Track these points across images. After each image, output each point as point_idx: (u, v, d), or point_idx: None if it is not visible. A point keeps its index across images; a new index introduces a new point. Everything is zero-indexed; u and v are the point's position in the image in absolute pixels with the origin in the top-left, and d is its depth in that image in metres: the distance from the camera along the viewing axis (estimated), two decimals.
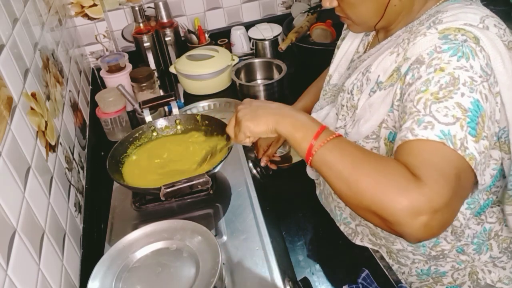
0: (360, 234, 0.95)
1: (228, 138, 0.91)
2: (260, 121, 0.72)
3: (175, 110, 1.14)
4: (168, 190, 0.86)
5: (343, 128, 0.86)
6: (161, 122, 1.12)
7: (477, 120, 0.61)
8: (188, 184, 0.86)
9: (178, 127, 1.13)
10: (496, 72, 0.66)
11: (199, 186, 0.87)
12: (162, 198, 0.86)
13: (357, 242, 0.95)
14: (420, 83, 0.65)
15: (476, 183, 0.62)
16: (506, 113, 0.69)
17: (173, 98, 1.13)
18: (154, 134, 1.12)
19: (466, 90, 0.62)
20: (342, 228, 0.97)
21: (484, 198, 0.82)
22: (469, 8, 0.70)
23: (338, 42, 0.99)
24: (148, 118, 1.14)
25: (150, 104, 1.14)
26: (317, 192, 1.07)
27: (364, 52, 0.90)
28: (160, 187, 0.86)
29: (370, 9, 0.75)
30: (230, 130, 0.80)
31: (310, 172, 1.06)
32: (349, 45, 0.93)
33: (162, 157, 1.05)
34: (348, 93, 0.84)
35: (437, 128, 0.60)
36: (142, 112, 1.16)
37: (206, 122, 1.10)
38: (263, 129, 0.72)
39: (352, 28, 0.84)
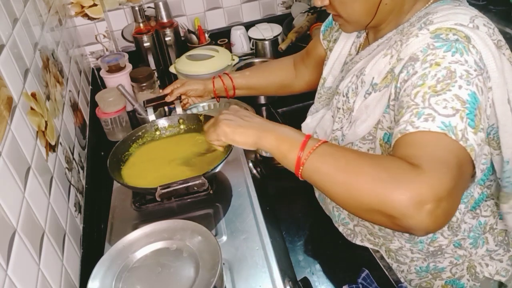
0: (359, 234, 0.95)
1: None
2: (240, 131, 0.73)
3: (179, 110, 1.14)
4: (164, 191, 0.86)
5: (339, 130, 0.86)
6: (164, 121, 1.12)
7: (475, 112, 0.61)
8: (184, 185, 0.86)
9: (181, 126, 1.13)
10: (489, 69, 0.67)
11: (195, 188, 0.87)
12: (158, 199, 0.86)
13: (357, 242, 0.95)
14: (416, 77, 0.65)
15: (473, 176, 0.63)
16: (496, 110, 0.71)
17: (178, 97, 1.13)
18: (157, 133, 1.12)
19: (463, 83, 0.62)
20: (340, 229, 0.98)
21: (478, 192, 0.83)
22: (458, 8, 0.71)
23: (330, 44, 0.99)
24: (151, 117, 1.14)
25: (154, 103, 1.14)
26: (317, 195, 1.07)
27: (356, 53, 0.90)
28: (156, 188, 0.86)
29: (362, 8, 0.76)
30: (207, 125, 0.81)
31: None
32: (341, 48, 0.94)
33: (164, 156, 1.05)
34: (344, 96, 0.85)
35: (438, 120, 0.60)
36: (146, 110, 1.16)
37: None
38: (241, 140, 0.73)
39: (343, 28, 0.84)
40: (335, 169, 0.61)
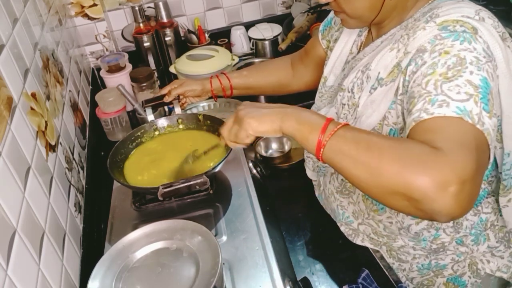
0: (362, 233, 0.95)
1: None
2: (265, 119, 0.71)
3: (178, 110, 1.14)
4: (166, 190, 0.86)
5: None
6: (163, 121, 1.13)
7: (488, 97, 0.61)
8: (186, 184, 0.86)
9: (180, 126, 1.13)
10: (496, 58, 0.68)
11: (197, 187, 0.87)
12: (160, 198, 0.86)
13: (358, 242, 0.95)
14: (425, 67, 0.66)
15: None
16: (501, 100, 0.71)
17: (177, 98, 1.13)
18: (156, 133, 1.12)
19: (474, 69, 0.62)
20: (342, 228, 0.98)
21: (481, 187, 0.83)
22: (462, 3, 0.72)
23: (331, 44, 0.99)
24: (150, 117, 1.14)
25: (153, 103, 1.14)
26: (317, 194, 1.07)
27: (358, 52, 0.91)
28: (158, 187, 0.86)
29: (367, 3, 0.76)
30: (225, 130, 0.79)
31: (310, 173, 1.06)
32: (342, 47, 0.94)
33: (164, 156, 1.05)
34: (349, 92, 0.85)
35: (453, 105, 0.59)
36: (145, 111, 1.16)
37: (208, 121, 1.10)
38: (268, 127, 0.71)
39: (346, 24, 0.83)
40: (356, 151, 0.59)
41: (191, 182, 0.86)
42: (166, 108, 1.41)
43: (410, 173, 0.54)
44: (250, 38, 1.76)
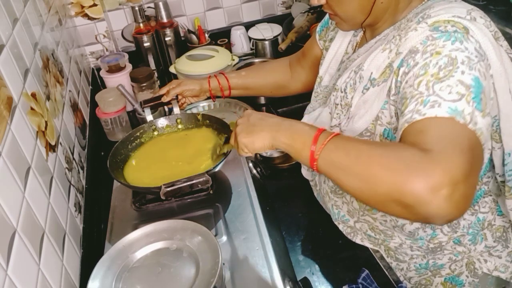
0: (359, 231, 0.95)
1: (226, 141, 0.92)
2: (255, 138, 0.73)
3: (176, 110, 1.14)
4: (169, 189, 0.86)
5: (337, 126, 0.87)
6: (162, 121, 1.13)
7: (481, 96, 0.61)
8: (188, 183, 0.86)
9: (179, 126, 1.13)
10: (489, 57, 0.68)
11: (199, 186, 0.87)
12: (163, 197, 0.87)
13: (357, 241, 0.96)
14: (417, 68, 0.66)
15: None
16: (498, 99, 0.71)
17: (175, 98, 1.13)
18: (155, 133, 1.12)
19: (466, 68, 0.62)
20: (340, 227, 0.98)
21: (476, 188, 0.83)
22: (454, 3, 0.72)
23: (326, 44, 0.99)
24: (149, 117, 1.14)
25: (152, 104, 1.14)
26: (315, 193, 1.07)
27: (353, 52, 0.91)
28: (161, 186, 0.86)
29: (357, 6, 0.77)
30: (233, 142, 0.80)
31: (305, 173, 1.07)
32: (338, 47, 0.94)
33: (163, 156, 1.05)
34: (342, 92, 0.85)
35: (445, 105, 0.59)
36: (143, 111, 1.16)
37: (207, 121, 1.11)
38: (260, 145, 0.73)
39: (340, 26, 0.85)
40: (348, 161, 0.60)
41: (193, 181, 0.87)
42: (166, 108, 1.41)
43: (401, 180, 0.54)
44: (250, 38, 1.76)
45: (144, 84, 1.42)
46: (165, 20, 1.71)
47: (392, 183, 0.54)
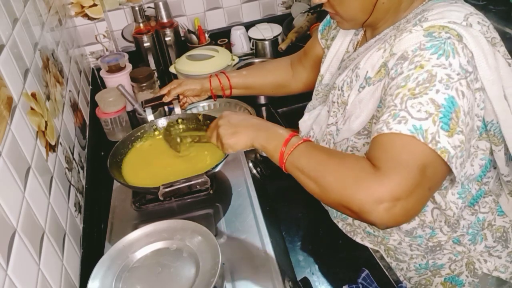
0: (359, 228, 0.95)
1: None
2: (239, 138, 0.80)
3: (177, 110, 1.14)
4: (167, 189, 0.86)
5: (334, 124, 0.87)
6: (163, 121, 1.13)
7: (451, 116, 0.63)
8: (187, 184, 0.86)
9: (180, 126, 1.13)
10: (479, 69, 0.68)
11: (197, 186, 0.87)
12: (161, 198, 0.87)
13: (358, 240, 0.96)
14: (401, 78, 0.68)
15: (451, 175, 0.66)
16: (494, 107, 0.72)
17: (176, 97, 1.13)
18: (156, 133, 1.12)
19: (442, 87, 0.64)
20: (340, 225, 0.98)
21: (475, 188, 0.84)
22: (454, 6, 0.72)
23: (328, 42, 0.99)
24: (150, 117, 1.14)
25: (152, 104, 1.14)
26: None
27: (354, 51, 0.91)
28: (159, 187, 0.86)
29: (358, 6, 0.77)
30: (215, 141, 0.86)
31: None
32: (339, 45, 0.94)
33: (163, 156, 1.05)
34: (339, 90, 0.86)
35: (410, 123, 0.63)
36: (144, 111, 1.16)
37: (208, 121, 1.10)
38: (242, 146, 0.80)
39: (341, 25, 0.85)
40: (308, 168, 0.69)
41: (192, 182, 0.87)
42: (166, 108, 1.41)
43: (349, 191, 0.63)
44: (250, 38, 1.76)
45: (144, 84, 1.42)
46: (165, 20, 1.70)
47: (342, 193, 0.63)
